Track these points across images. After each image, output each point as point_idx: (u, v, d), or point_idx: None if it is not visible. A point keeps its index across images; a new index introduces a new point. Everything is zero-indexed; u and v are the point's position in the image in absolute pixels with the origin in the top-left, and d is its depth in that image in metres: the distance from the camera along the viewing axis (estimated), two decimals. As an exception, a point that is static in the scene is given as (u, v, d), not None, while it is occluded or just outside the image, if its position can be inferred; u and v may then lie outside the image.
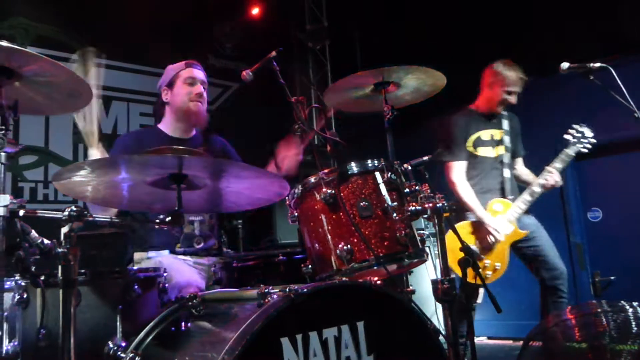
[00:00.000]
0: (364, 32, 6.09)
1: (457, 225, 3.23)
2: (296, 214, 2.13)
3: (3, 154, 1.56)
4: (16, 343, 1.60)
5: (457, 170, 3.41)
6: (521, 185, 3.51)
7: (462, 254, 1.97)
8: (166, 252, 2.57)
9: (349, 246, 1.93)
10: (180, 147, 1.82)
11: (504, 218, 3.31)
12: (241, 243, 3.57)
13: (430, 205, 1.94)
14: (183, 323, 1.75)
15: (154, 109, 2.90)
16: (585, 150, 3.35)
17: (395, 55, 2.41)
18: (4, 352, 1.55)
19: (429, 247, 2.18)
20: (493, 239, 3.28)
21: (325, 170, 2.02)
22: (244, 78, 2.46)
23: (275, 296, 1.54)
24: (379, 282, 1.75)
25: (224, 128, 2.96)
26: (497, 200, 3.36)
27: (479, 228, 3.33)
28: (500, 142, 3.48)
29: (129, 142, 2.69)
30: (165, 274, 1.97)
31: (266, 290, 1.56)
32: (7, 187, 1.56)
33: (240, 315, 1.61)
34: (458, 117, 3.50)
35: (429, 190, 1.99)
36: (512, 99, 3.42)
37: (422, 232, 2.14)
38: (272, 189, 1.95)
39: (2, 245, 1.52)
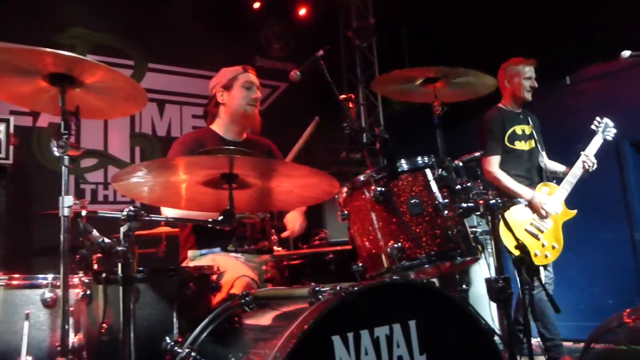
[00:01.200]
0: (412, 28, 6.00)
1: (510, 211, 3.42)
2: (346, 212, 2.13)
3: (67, 157, 1.64)
4: (81, 337, 1.68)
5: (494, 162, 3.60)
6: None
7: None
8: (218, 249, 2.63)
9: (399, 244, 1.90)
10: (232, 147, 1.85)
11: (553, 198, 3.52)
12: (291, 241, 3.59)
13: (483, 201, 1.89)
14: (236, 320, 1.79)
15: (206, 109, 2.96)
16: (609, 139, 3.62)
17: (443, 51, 2.37)
18: (70, 345, 1.62)
19: (482, 244, 2.13)
20: (545, 213, 3.46)
21: (375, 168, 2.00)
22: (292, 78, 2.48)
23: (326, 294, 1.55)
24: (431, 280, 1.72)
25: (273, 128, 2.99)
26: (543, 184, 3.57)
27: (531, 210, 3.50)
28: (531, 136, 3.70)
29: (189, 143, 2.75)
30: (219, 272, 2.02)
31: (317, 289, 1.56)
32: (71, 189, 1.64)
33: (291, 313, 1.62)
34: (494, 115, 3.71)
35: (481, 187, 1.94)
36: (534, 83, 3.66)
37: (474, 229, 2.09)
38: (322, 188, 1.96)
39: (66, 244, 1.60)
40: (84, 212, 1.60)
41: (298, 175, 1.87)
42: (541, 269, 3.43)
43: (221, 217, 1.74)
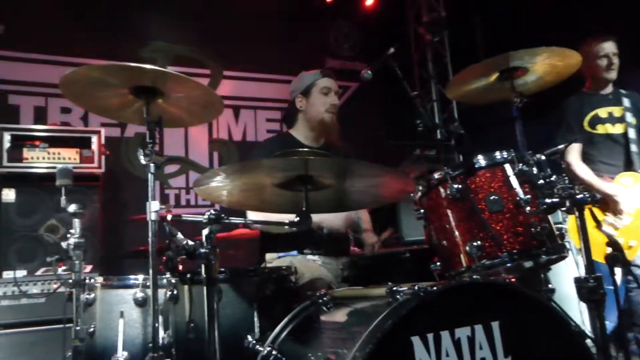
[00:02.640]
0: (485, 17, 5.78)
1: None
2: (422, 210, 2.09)
3: (152, 165, 1.74)
4: (170, 334, 1.78)
5: (572, 152, 3.31)
6: None
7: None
8: (295, 252, 2.67)
9: (479, 242, 1.85)
10: (305, 149, 1.88)
11: (635, 191, 3.14)
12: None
13: (569, 196, 1.79)
14: (314, 319, 1.81)
15: (286, 114, 3.01)
16: None
17: (520, 39, 2.25)
18: (160, 342, 1.71)
19: (568, 242, 2.01)
20: (622, 210, 3.10)
21: (451, 165, 1.96)
22: (363, 77, 2.47)
23: (404, 294, 1.53)
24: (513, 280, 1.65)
25: (345, 128, 3.00)
26: (625, 174, 3.21)
27: (606, 205, 3.15)
28: (621, 119, 3.34)
29: (269, 148, 2.82)
30: (297, 273, 2.05)
31: (395, 288, 1.55)
32: (156, 195, 1.73)
33: (370, 313, 1.62)
34: (570, 100, 3.46)
35: (567, 180, 1.84)
36: (612, 60, 3.33)
37: (560, 225, 1.99)
38: (396, 187, 1.94)
39: (154, 247, 1.69)
40: (169, 216, 1.69)
41: (372, 175, 1.86)
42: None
43: (297, 219, 1.77)
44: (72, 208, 1.96)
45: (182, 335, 1.78)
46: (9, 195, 3.49)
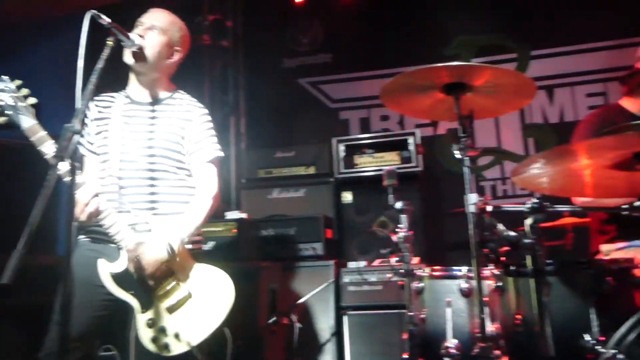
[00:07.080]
0: None
1: None
2: None
3: (467, 158, 1.78)
4: (498, 326, 1.77)
5: None
6: None
7: None
8: (638, 242, 2.31)
9: None
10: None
11: None
12: None
13: None
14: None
15: (625, 80, 2.54)
16: None
17: None
18: (487, 333, 1.72)
19: None
20: None
21: None
22: None
23: None
24: None
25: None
26: None
27: None
28: None
29: (596, 123, 2.52)
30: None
31: None
32: (472, 187, 1.76)
33: None
34: None
35: None
36: None
37: None
38: None
39: (475, 239, 1.72)
40: (488, 208, 1.69)
41: None
42: None
43: (639, 203, 1.54)
44: (398, 205, 2.14)
45: (510, 328, 1.75)
46: (347, 197, 4.10)
